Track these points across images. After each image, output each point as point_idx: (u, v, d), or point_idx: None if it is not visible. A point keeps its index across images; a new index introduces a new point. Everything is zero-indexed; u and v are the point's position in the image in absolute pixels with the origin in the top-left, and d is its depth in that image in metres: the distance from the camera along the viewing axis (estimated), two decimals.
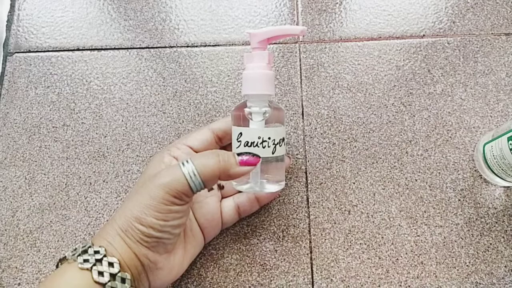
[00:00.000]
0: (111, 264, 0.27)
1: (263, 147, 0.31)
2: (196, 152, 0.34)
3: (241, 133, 0.31)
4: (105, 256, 0.27)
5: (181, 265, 0.32)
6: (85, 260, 0.27)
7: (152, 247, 0.28)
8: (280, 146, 0.32)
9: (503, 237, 0.37)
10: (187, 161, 0.29)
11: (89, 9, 0.47)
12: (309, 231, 0.38)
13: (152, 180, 0.28)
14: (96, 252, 0.27)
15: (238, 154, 0.30)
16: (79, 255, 0.27)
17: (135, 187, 0.32)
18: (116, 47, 0.45)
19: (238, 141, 0.32)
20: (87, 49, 0.46)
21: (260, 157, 0.31)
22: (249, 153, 0.30)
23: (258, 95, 0.32)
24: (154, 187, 0.28)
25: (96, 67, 0.45)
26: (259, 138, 0.31)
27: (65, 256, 0.28)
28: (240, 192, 0.36)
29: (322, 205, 0.39)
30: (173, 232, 0.29)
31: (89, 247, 0.28)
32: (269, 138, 0.31)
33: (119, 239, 0.28)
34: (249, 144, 0.31)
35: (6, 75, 0.45)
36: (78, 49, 0.46)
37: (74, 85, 0.44)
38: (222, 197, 0.36)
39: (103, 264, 0.27)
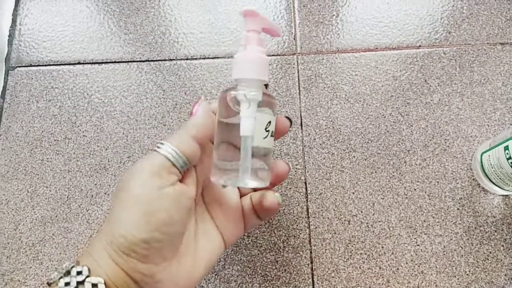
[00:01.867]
0: (95, 286, 0.24)
1: (271, 136, 0.29)
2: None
3: (270, 122, 0.29)
4: (88, 276, 0.24)
5: (190, 275, 0.27)
6: (67, 284, 0.24)
7: (143, 257, 0.25)
8: (271, 136, 0.29)
9: (503, 246, 0.37)
10: (162, 143, 0.26)
11: (89, 23, 0.48)
12: (310, 241, 0.38)
13: (129, 174, 0.26)
14: (79, 272, 0.24)
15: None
16: (61, 277, 0.25)
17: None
18: (117, 60, 0.46)
19: (267, 131, 0.28)
20: (88, 63, 0.46)
21: (201, 97, 0.28)
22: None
23: (254, 79, 0.28)
24: (131, 177, 0.25)
25: (97, 81, 0.45)
26: (274, 127, 0.29)
27: (51, 279, 0.25)
28: (255, 190, 0.32)
29: (322, 215, 0.39)
30: (165, 230, 0.25)
31: (73, 267, 0.25)
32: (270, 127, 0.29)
33: (104, 254, 0.25)
34: (272, 134, 0.29)
35: (8, 89, 0.46)
36: (79, 63, 0.46)
37: (75, 98, 0.45)
38: (241, 195, 0.32)
39: (85, 286, 0.24)
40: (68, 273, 0.25)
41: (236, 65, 0.28)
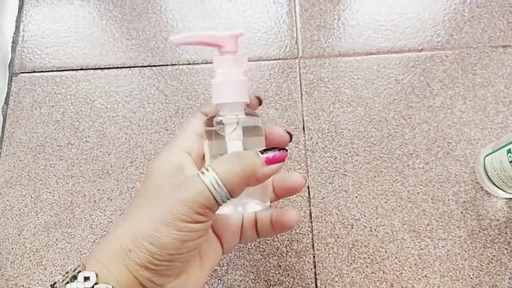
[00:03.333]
0: None
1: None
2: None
3: (258, 140, 0.28)
4: (96, 283, 0.23)
5: (197, 281, 0.28)
6: None
7: (160, 271, 0.24)
8: None
9: (506, 249, 0.37)
10: (207, 169, 0.25)
11: (92, 29, 0.48)
12: (313, 245, 0.38)
13: (170, 194, 0.25)
14: (86, 278, 0.23)
15: (262, 152, 0.26)
16: (67, 282, 0.24)
17: (141, 198, 0.27)
18: (119, 66, 0.46)
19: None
20: (90, 69, 0.46)
21: (287, 150, 0.27)
22: (274, 148, 0.26)
23: (231, 103, 0.28)
24: (174, 202, 0.24)
25: (99, 86, 0.46)
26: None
27: (55, 282, 0.24)
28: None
29: (325, 219, 0.39)
30: (189, 253, 0.25)
31: (79, 271, 0.24)
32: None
33: (117, 260, 0.24)
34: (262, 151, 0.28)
35: (11, 95, 0.46)
36: (81, 69, 0.46)
37: (78, 104, 0.45)
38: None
39: None
40: (74, 277, 0.24)
41: (214, 91, 0.28)
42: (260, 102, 0.31)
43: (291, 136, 0.31)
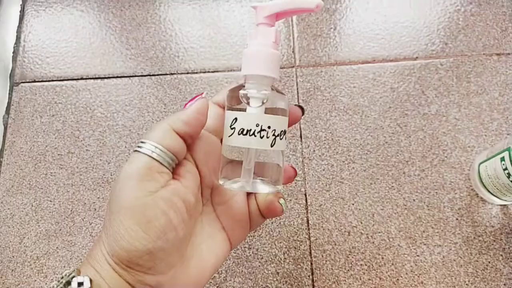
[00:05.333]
0: None
1: (261, 137, 0.26)
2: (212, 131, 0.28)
3: (236, 119, 0.26)
4: None
5: (197, 280, 0.26)
6: None
7: (148, 269, 0.24)
8: (280, 139, 0.27)
9: (501, 255, 0.38)
10: (142, 142, 0.24)
11: (92, 39, 0.48)
12: (310, 253, 0.39)
13: (117, 183, 0.24)
14: (80, 284, 0.23)
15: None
16: None
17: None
18: (119, 75, 0.47)
19: (232, 128, 0.26)
20: (90, 78, 0.47)
21: (202, 93, 0.27)
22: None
23: (260, 76, 0.26)
24: (120, 186, 0.23)
25: (99, 95, 0.46)
26: (257, 125, 0.26)
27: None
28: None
29: (322, 226, 0.39)
30: (167, 237, 0.24)
31: (73, 277, 0.23)
32: (268, 127, 0.26)
33: (107, 266, 0.24)
34: (244, 132, 0.26)
35: (12, 105, 0.47)
36: (82, 78, 0.47)
37: (78, 113, 0.46)
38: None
39: None
40: (68, 283, 0.23)
41: (243, 60, 0.27)
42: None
43: (302, 110, 0.30)
